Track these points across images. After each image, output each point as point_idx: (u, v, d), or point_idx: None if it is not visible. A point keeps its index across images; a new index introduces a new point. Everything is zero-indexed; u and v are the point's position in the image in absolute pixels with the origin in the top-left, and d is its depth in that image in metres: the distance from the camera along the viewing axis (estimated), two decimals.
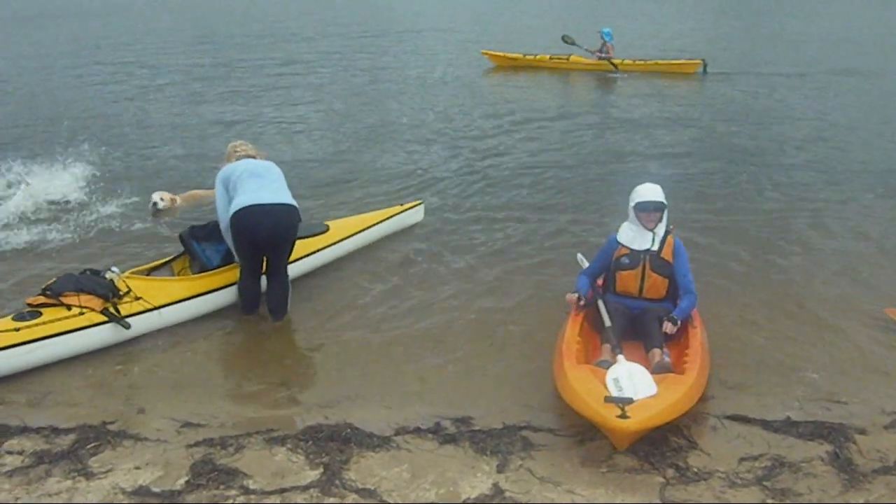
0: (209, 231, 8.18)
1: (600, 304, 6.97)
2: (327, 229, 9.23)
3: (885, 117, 17.52)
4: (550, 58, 25.16)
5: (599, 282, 7.40)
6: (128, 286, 7.41)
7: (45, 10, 59.24)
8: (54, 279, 7.27)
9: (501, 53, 26.03)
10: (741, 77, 23.05)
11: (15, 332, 6.71)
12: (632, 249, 7.03)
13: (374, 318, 7.95)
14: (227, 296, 7.96)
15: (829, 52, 28.47)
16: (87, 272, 7.44)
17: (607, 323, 6.71)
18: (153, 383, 6.75)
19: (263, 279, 7.92)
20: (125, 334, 7.21)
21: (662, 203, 6.98)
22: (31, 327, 6.78)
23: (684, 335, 6.81)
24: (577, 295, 7.04)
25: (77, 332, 6.94)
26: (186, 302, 7.67)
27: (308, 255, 8.77)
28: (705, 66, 23.42)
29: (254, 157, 8.10)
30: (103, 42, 34.53)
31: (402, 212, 10.24)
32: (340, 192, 12.17)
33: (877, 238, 10.16)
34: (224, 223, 7.68)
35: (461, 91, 21.13)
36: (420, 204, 10.61)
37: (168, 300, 7.54)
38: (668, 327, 6.68)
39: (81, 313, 7.01)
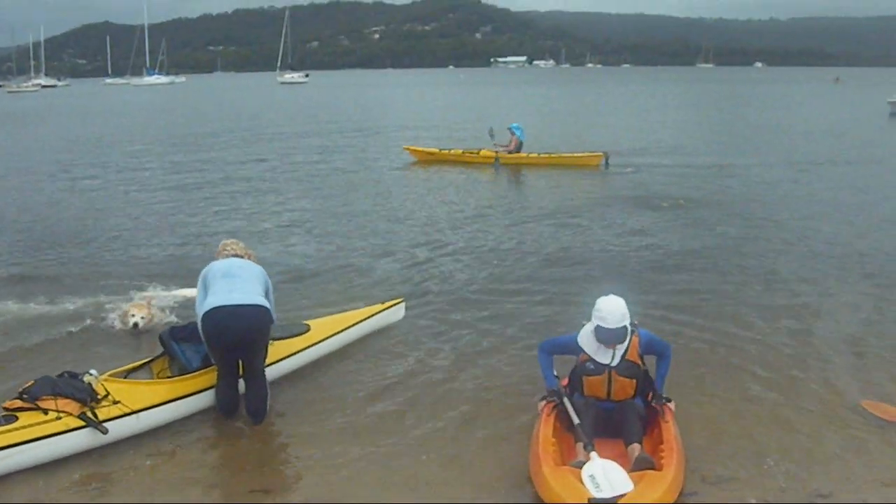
0: (190, 332, 8.13)
1: (566, 402, 6.88)
2: (308, 329, 9.21)
3: (833, 201, 18.41)
4: (463, 152, 27.05)
5: (564, 382, 7.32)
6: (106, 389, 7.31)
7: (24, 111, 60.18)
8: (32, 382, 7.17)
9: (420, 148, 28.21)
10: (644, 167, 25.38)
11: None
12: (595, 360, 6.90)
13: (356, 421, 7.84)
14: (207, 398, 7.86)
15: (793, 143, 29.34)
16: (66, 375, 7.34)
17: (575, 421, 6.65)
18: (129, 492, 6.61)
19: (242, 382, 7.84)
20: (102, 439, 7.08)
21: (624, 330, 6.79)
22: (6, 432, 6.67)
23: (657, 428, 6.77)
24: (548, 403, 6.99)
25: (53, 437, 6.82)
26: (165, 405, 7.57)
27: (289, 357, 8.71)
28: (607, 159, 24.93)
29: (240, 257, 8.13)
30: (82, 141, 35.05)
31: (382, 310, 10.24)
32: (320, 289, 12.24)
33: (853, 327, 10.23)
34: (199, 323, 7.67)
35: (399, 186, 22.32)
36: (401, 302, 10.62)
37: (146, 404, 7.43)
38: (670, 408, 6.84)
39: (58, 418, 6.90)
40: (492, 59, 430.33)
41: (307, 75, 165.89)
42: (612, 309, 6.75)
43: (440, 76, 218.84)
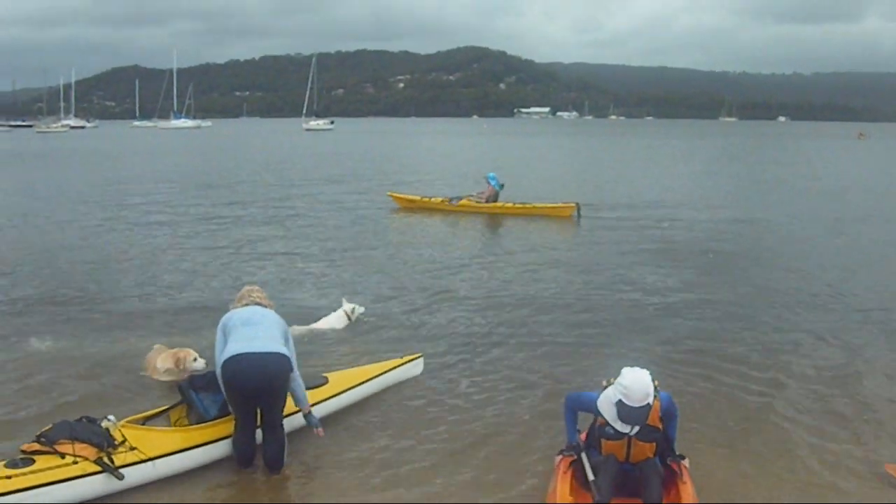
0: (208, 381, 8.11)
1: (584, 458, 6.84)
2: (326, 382, 9.19)
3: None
4: (441, 200, 27.69)
5: (583, 436, 7.26)
6: (123, 435, 7.33)
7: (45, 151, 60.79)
8: (50, 426, 7.19)
9: (403, 196, 29.02)
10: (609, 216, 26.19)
11: (6, 480, 6.61)
12: (614, 428, 6.76)
13: (372, 475, 7.79)
14: (224, 448, 7.84)
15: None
16: (84, 419, 7.37)
17: (591, 476, 6.61)
18: None
19: (260, 432, 7.82)
20: (118, 485, 7.07)
21: (647, 408, 6.60)
22: (23, 475, 6.67)
23: (673, 487, 6.70)
24: (565, 458, 6.96)
25: (69, 481, 6.81)
26: (182, 453, 7.56)
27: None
28: (579, 210, 25.27)
29: (261, 305, 8.16)
30: (111, 182, 35.38)
31: (401, 364, 10.22)
32: (339, 341, 12.16)
33: (873, 387, 10.13)
34: (218, 371, 7.68)
35: (409, 235, 22.56)
36: (419, 357, 10.58)
37: (163, 451, 7.43)
38: (685, 465, 6.78)
39: (75, 462, 6.90)
40: (515, 110, 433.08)
41: (332, 122, 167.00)
42: (637, 387, 6.54)
43: (464, 125, 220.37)
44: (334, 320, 12.83)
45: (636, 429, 6.70)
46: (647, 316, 13.73)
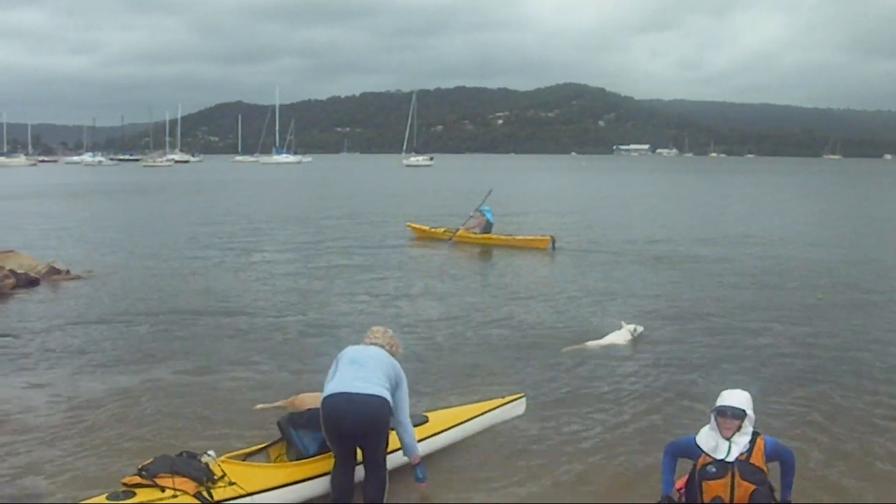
0: (307, 418, 8.06)
1: None
2: (426, 421, 9.06)
3: None
4: (444, 231, 29.69)
5: (681, 483, 7.05)
6: (223, 470, 7.32)
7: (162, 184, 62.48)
8: (151, 459, 7.21)
9: (418, 226, 31.31)
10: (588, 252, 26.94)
11: None
12: (714, 458, 6.66)
13: None
14: (322, 485, 7.76)
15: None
16: (184, 454, 7.38)
17: None
18: None
19: (360, 470, 7.71)
20: None
21: (740, 410, 6.67)
22: None
23: None
24: None
25: None
26: (280, 490, 7.51)
27: None
28: (554, 242, 26.93)
29: (379, 346, 8.09)
30: (224, 214, 36.19)
31: (503, 405, 10.02)
32: (441, 378, 12.07)
33: None
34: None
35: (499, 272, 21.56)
36: (522, 397, 10.35)
37: (261, 487, 7.39)
38: None
39: (175, 496, 6.89)
40: (614, 147, 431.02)
41: (432, 158, 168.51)
42: (735, 393, 6.87)
43: (562, 162, 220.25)
44: (618, 338, 14.08)
45: (734, 454, 6.60)
46: (754, 357, 13.34)
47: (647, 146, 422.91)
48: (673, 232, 32.69)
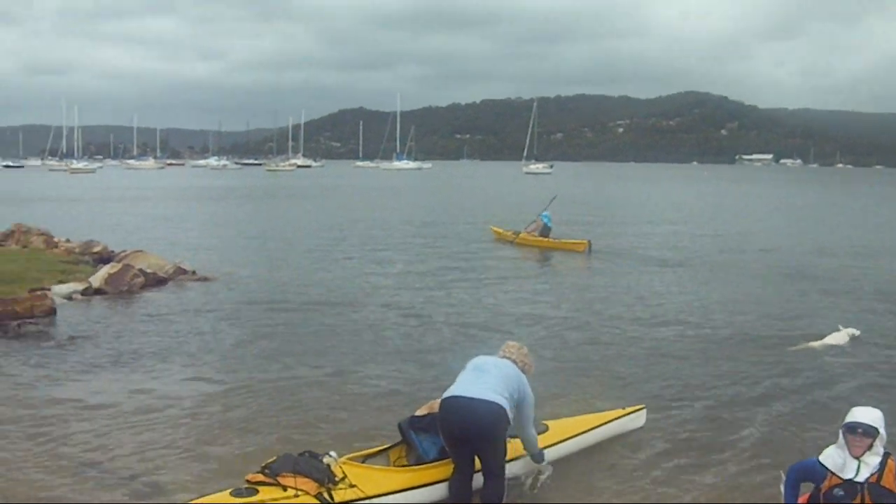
0: (428, 422, 8.09)
1: None
2: (546, 429, 8.97)
3: None
4: (511, 233, 31.63)
5: (803, 500, 6.74)
6: (343, 472, 7.36)
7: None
8: (274, 458, 7.31)
9: (497, 229, 33.56)
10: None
11: None
12: (844, 479, 6.33)
13: None
14: (441, 491, 7.75)
15: None
16: (307, 454, 7.45)
17: None
18: None
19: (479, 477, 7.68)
20: None
21: (873, 428, 6.32)
22: None
23: None
24: None
25: None
26: (399, 493, 7.53)
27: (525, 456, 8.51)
28: (590, 246, 28.30)
29: (510, 359, 8.07)
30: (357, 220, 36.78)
31: (623, 416, 9.89)
32: (558, 387, 11.85)
33: None
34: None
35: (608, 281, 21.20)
36: (642, 409, 10.21)
37: (380, 490, 7.42)
38: None
39: (296, 496, 6.97)
40: (737, 156, 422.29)
41: (552, 166, 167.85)
42: (867, 410, 6.55)
43: (683, 171, 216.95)
44: (839, 338, 14.53)
45: (864, 474, 6.29)
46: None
47: (770, 156, 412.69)
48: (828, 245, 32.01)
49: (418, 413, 8.79)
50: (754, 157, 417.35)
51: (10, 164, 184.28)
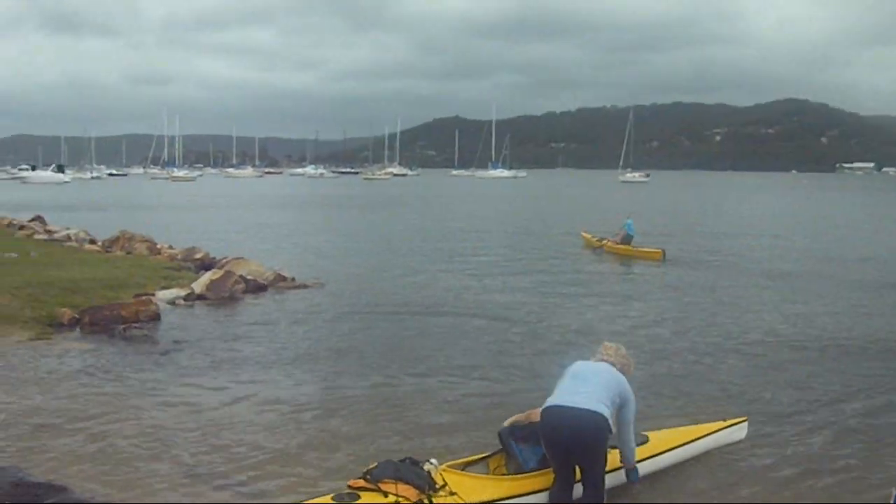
0: (529, 431, 8.04)
1: None
2: (647, 440, 8.90)
3: None
4: (598, 240, 33.17)
5: None
6: (444, 479, 7.39)
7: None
8: (376, 464, 7.36)
9: (586, 235, 35.14)
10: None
11: None
12: None
13: None
14: (541, 500, 7.72)
15: None
16: (407, 461, 7.51)
17: None
18: None
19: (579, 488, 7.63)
20: None
21: None
22: None
23: None
24: None
25: None
26: (499, 502, 7.52)
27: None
28: (664, 254, 29.20)
29: (609, 363, 8.05)
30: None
31: (724, 428, 9.73)
32: (658, 398, 11.73)
33: None
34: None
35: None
36: (744, 421, 10.03)
37: (480, 499, 7.42)
38: None
39: (397, 502, 7.03)
40: (837, 165, 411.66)
41: (648, 175, 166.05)
42: None
43: (782, 180, 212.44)
44: None
45: None
46: None
47: (872, 165, 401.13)
48: None
49: (511, 420, 8.75)
50: (855, 165, 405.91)
51: (114, 172, 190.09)
